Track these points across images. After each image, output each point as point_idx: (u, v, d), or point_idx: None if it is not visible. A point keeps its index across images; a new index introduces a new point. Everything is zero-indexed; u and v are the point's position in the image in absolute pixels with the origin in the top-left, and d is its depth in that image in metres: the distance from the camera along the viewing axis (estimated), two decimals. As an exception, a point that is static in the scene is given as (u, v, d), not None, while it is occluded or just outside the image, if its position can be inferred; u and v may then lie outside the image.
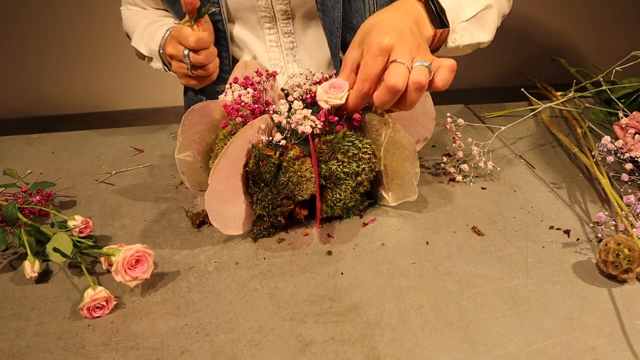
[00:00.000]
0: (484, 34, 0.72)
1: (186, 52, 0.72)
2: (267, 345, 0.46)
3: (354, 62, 0.59)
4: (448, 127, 0.75)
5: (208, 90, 0.93)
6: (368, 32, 0.57)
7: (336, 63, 0.85)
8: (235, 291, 0.53)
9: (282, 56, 0.87)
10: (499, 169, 0.75)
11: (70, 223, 0.60)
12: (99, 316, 0.50)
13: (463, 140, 0.74)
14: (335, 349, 0.46)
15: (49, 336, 0.48)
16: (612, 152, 0.69)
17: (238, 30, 0.86)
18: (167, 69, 0.86)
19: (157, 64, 0.86)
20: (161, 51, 0.81)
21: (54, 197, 0.70)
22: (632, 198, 0.60)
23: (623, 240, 0.52)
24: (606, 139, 0.67)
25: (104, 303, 0.50)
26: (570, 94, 0.88)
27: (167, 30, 0.79)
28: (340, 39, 0.82)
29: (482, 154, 0.75)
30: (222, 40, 0.85)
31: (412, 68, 0.54)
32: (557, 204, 0.66)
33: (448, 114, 0.75)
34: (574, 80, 0.95)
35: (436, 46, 0.70)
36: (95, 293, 0.50)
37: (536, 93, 1.00)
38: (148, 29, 0.86)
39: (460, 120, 0.74)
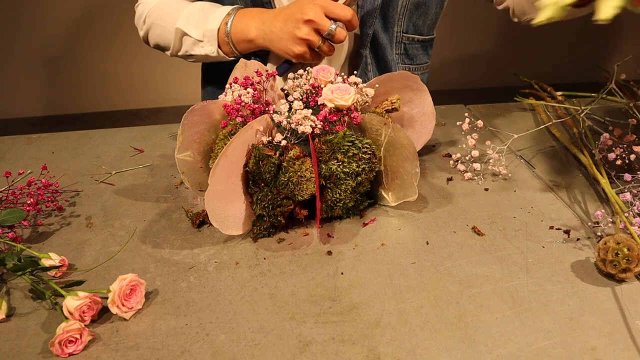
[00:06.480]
0: None
1: (334, 26, 0.73)
2: (267, 345, 0.46)
3: None
4: (464, 127, 0.75)
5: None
6: None
7: (358, 60, 0.86)
8: (235, 291, 0.53)
9: None
10: (510, 175, 0.74)
11: (45, 262, 0.54)
12: (73, 353, 0.45)
13: (466, 142, 0.74)
14: (335, 349, 0.46)
15: (49, 336, 0.48)
16: (612, 148, 0.69)
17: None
18: (219, 51, 0.82)
19: (206, 48, 0.82)
20: (228, 30, 0.79)
21: (62, 192, 0.70)
22: (628, 196, 0.60)
23: (622, 240, 0.52)
24: (605, 136, 0.67)
25: (77, 336, 0.46)
26: (570, 94, 0.88)
27: (229, 10, 0.80)
28: (374, 26, 0.83)
29: (500, 158, 0.74)
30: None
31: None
32: (557, 204, 0.66)
33: (466, 114, 0.76)
34: (574, 81, 0.95)
35: None
36: (67, 325, 0.46)
37: (535, 94, 1.00)
38: (201, 11, 0.83)
39: (480, 122, 0.75)
